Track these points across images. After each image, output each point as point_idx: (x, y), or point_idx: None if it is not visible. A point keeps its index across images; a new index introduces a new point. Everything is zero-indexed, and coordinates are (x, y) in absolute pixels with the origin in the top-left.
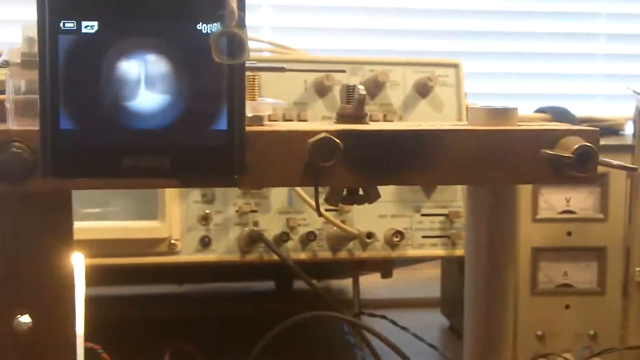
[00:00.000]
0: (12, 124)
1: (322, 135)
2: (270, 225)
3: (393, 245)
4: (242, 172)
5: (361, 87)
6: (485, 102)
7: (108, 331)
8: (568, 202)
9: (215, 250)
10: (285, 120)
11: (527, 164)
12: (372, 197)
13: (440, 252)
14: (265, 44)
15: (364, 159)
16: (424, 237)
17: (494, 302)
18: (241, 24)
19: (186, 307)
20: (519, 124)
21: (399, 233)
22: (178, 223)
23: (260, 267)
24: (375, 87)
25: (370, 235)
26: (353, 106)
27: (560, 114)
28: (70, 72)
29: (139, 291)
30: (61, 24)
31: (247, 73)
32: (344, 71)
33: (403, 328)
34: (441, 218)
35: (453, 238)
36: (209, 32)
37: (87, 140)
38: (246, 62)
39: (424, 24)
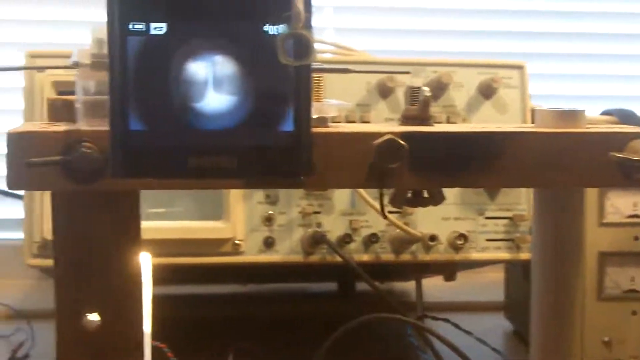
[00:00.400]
0: (82, 124)
1: (387, 136)
2: (333, 227)
3: (456, 248)
4: (309, 173)
5: (426, 88)
6: (550, 104)
7: (172, 330)
8: (635, 206)
9: (279, 250)
10: (348, 121)
11: (595, 167)
12: (436, 199)
13: (504, 255)
14: (329, 45)
15: (428, 161)
16: (487, 240)
17: (561, 307)
18: (307, 25)
19: (249, 307)
20: (587, 126)
21: (463, 236)
22: (242, 223)
23: (323, 268)
24: (439, 88)
25: (433, 237)
26: (418, 108)
27: (626, 117)
28: (139, 73)
29: (203, 291)
30: (130, 26)
31: (313, 74)
32: (408, 72)
33: (466, 332)
34: (505, 221)
35: (517, 241)
36: (275, 33)
37: (156, 141)
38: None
39: (487, 25)
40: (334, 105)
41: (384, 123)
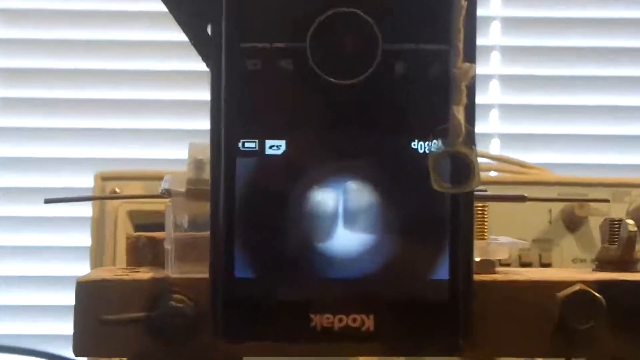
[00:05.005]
0: (172, 270)
1: (576, 287)
2: None
3: None
4: (469, 337)
5: (630, 222)
6: None
7: None
8: None
9: None
10: (521, 263)
11: None
12: None
13: None
14: (496, 160)
15: (634, 320)
16: None
17: None
18: (469, 141)
19: None
20: None
21: None
22: None
23: None
24: None
25: None
26: (618, 248)
27: None
28: (249, 205)
29: None
30: (240, 144)
31: (476, 204)
32: (607, 200)
33: None
34: None
35: None
36: (426, 151)
37: (269, 293)
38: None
39: None
40: (504, 244)
41: (572, 268)
